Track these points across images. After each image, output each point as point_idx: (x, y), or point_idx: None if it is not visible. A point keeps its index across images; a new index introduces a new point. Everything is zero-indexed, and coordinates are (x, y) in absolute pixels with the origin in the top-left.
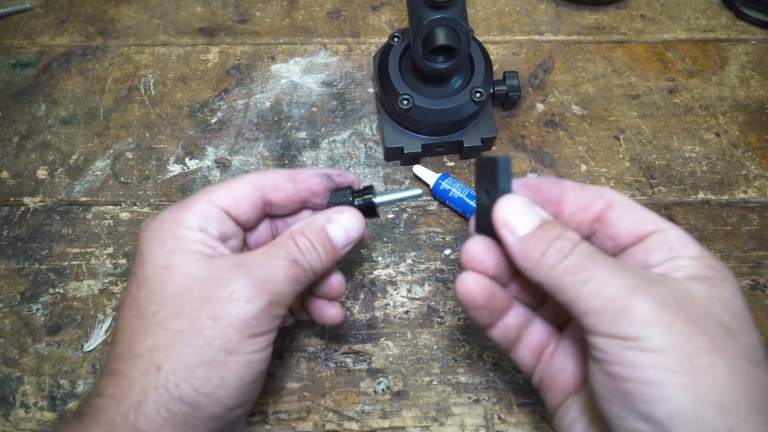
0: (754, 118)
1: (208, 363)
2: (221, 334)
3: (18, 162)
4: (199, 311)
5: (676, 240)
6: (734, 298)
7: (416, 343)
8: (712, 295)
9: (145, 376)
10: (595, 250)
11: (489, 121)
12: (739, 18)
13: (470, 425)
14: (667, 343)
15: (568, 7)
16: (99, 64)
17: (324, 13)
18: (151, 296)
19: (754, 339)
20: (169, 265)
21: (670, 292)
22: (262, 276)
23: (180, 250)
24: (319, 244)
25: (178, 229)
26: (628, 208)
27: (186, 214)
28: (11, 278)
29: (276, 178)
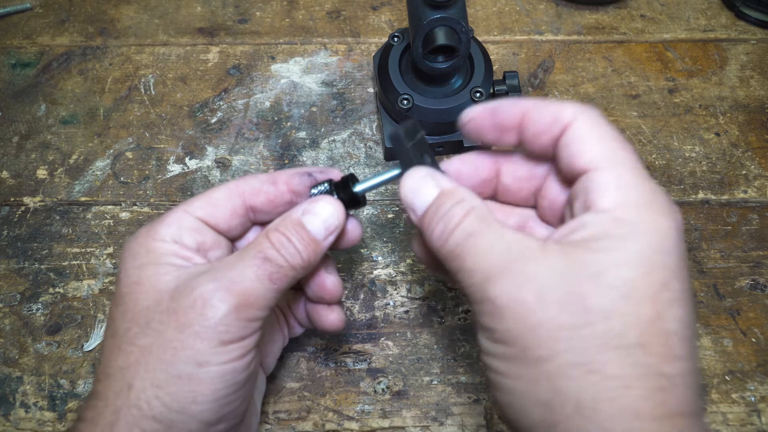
0: (754, 118)
1: (177, 377)
2: (188, 345)
3: (18, 162)
4: (165, 323)
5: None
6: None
7: (416, 342)
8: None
9: (118, 395)
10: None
11: None
12: (739, 18)
13: (470, 425)
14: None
15: (568, 7)
16: (99, 64)
17: (324, 13)
18: (124, 313)
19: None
20: (139, 280)
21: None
22: (230, 277)
23: (151, 264)
24: (296, 237)
25: (151, 243)
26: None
27: (160, 226)
28: (11, 278)
29: (255, 182)
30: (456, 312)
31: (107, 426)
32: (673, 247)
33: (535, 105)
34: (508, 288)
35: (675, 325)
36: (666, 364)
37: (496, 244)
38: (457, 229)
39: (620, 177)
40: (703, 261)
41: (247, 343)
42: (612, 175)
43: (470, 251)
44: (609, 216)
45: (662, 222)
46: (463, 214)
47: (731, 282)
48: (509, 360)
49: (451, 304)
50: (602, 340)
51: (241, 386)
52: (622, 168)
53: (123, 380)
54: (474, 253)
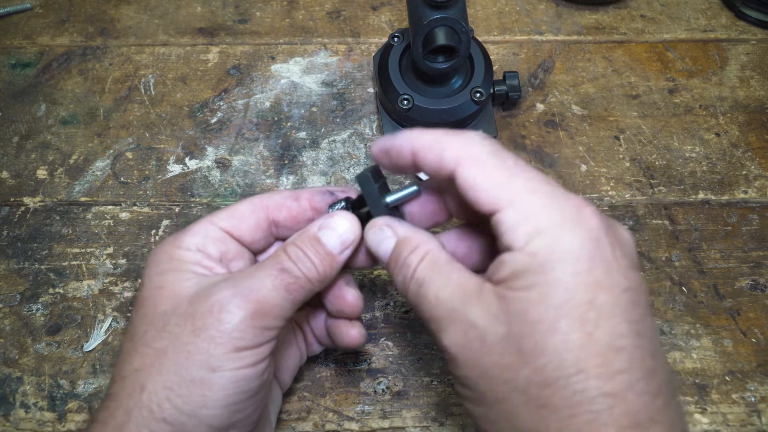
0: (754, 118)
1: (190, 381)
2: (203, 349)
3: (18, 162)
4: (181, 327)
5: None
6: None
7: (416, 343)
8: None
9: (130, 396)
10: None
11: (489, 121)
12: (739, 18)
13: (470, 425)
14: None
15: (568, 7)
16: (99, 64)
17: (324, 13)
18: (143, 317)
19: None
20: (161, 285)
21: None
22: (247, 285)
23: (174, 270)
24: (311, 251)
25: (175, 251)
26: (467, 185)
27: (185, 235)
28: (11, 278)
29: (278, 197)
30: None
31: (117, 427)
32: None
33: (420, 145)
34: (455, 337)
35: (607, 340)
36: (607, 383)
37: (442, 291)
38: (413, 279)
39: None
40: (703, 261)
41: (261, 351)
42: (513, 211)
43: (423, 301)
44: (522, 253)
45: (572, 241)
46: (416, 262)
47: (731, 282)
48: (476, 403)
49: None
50: (542, 376)
51: (253, 394)
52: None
53: (136, 382)
54: (426, 302)
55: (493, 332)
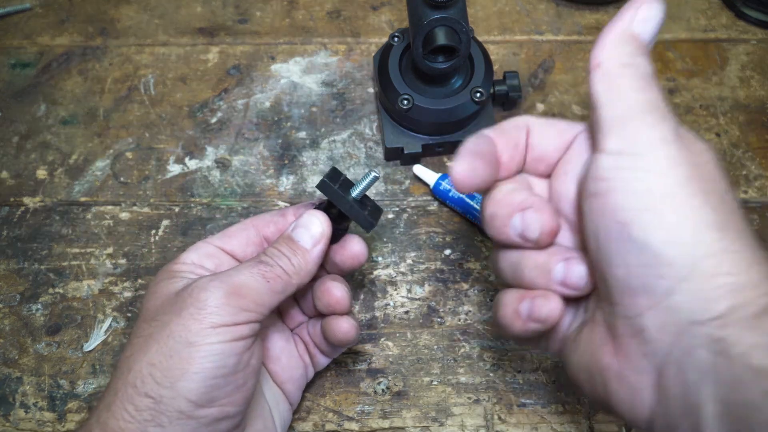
0: (755, 118)
1: (169, 356)
2: (183, 326)
3: (18, 162)
4: (167, 314)
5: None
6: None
7: (416, 343)
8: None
9: (119, 379)
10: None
11: (489, 121)
12: (740, 18)
13: (470, 425)
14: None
15: (568, 7)
16: (99, 64)
17: (324, 13)
18: (139, 318)
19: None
20: (155, 291)
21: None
22: (227, 273)
23: (168, 278)
24: (285, 248)
25: (173, 266)
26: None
27: (182, 254)
28: (11, 278)
29: (267, 216)
30: (456, 312)
31: (106, 406)
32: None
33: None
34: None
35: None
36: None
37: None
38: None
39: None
40: None
41: (239, 330)
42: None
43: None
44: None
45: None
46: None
47: None
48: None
49: (452, 305)
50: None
51: (231, 371)
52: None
53: (125, 366)
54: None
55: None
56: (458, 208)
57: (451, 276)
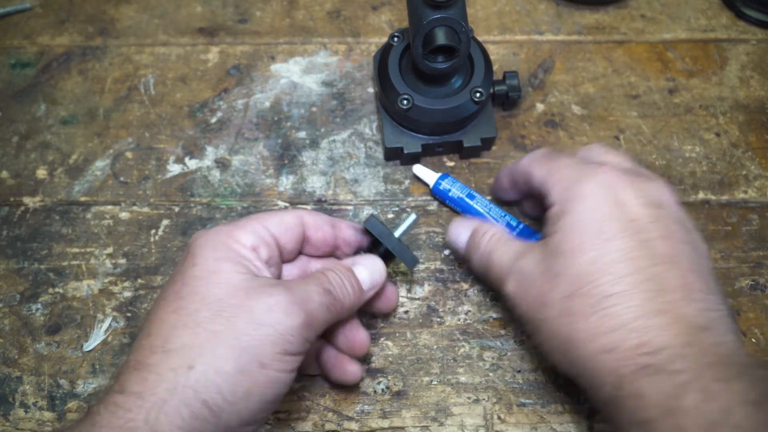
0: (754, 118)
1: (239, 371)
2: (258, 343)
3: (18, 162)
4: (238, 317)
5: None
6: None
7: (416, 343)
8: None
9: (176, 372)
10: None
11: (489, 121)
12: (739, 18)
13: (470, 425)
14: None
15: (568, 7)
16: (99, 64)
17: (324, 13)
18: (194, 294)
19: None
20: (217, 270)
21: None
22: (300, 295)
23: (230, 260)
24: (347, 281)
25: (232, 243)
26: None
27: (240, 231)
28: (11, 278)
29: (319, 219)
30: (456, 312)
31: (158, 402)
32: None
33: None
34: (512, 283)
35: (615, 255)
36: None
37: (505, 255)
38: (483, 252)
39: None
40: None
41: (299, 360)
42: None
43: (492, 264)
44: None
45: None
46: (487, 240)
47: (731, 282)
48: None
49: (451, 305)
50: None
51: (280, 398)
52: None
53: (184, 358)
54: (493, 265)
55: (537, 270)
56: (458, 208)
57: (450, 276)
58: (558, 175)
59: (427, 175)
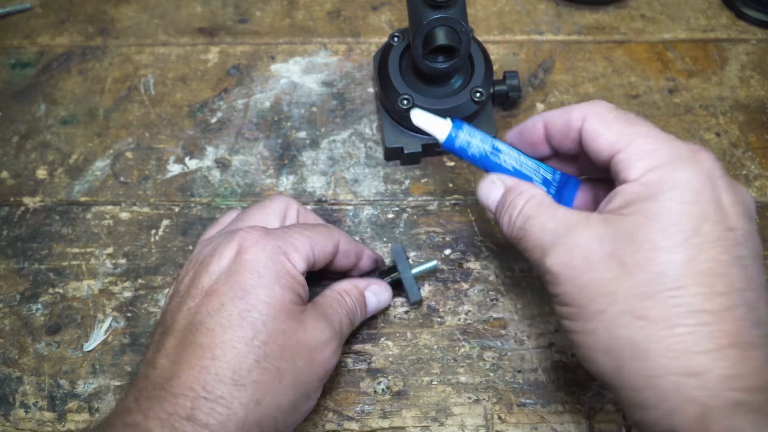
0: (755, 118)
1: (294, 406)
2: (310, 379)
3: (18, 162)
4: (299, 355)
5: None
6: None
7: (416, 343)
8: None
9: (245, 408)
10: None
11: (489, 121)
12: (740, 18)
13: (470, 425)
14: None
15: (568, 6)
16: (99, 64)
17: (324, 13)
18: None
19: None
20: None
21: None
22: (339, 331)
23: (291, 289)
24: (359, 306)
25: (289, 266)
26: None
27: (297, 255)
28: (11, 278)
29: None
30: (456, 312)
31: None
32: (699, 193)
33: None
34: (559, 257)
35: (709, 265)
36: (706, 301)
37: (549, 222)
38: (519, 215)
39: (639, 148)
40: None
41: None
42: (631, 150)
43: (529, 231)
44: (636, 183)
45: (685, 174)
46: (523, 203)
47: None
48: (573, 318)
49: (452, 305)
50: (642, 289)
51: None
52: (637, 141)
53: (254, 394)
54: (532, 233)
55: (598, 251)
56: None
57: (451, 276)
58: (642, 147)
59: (433, 124)
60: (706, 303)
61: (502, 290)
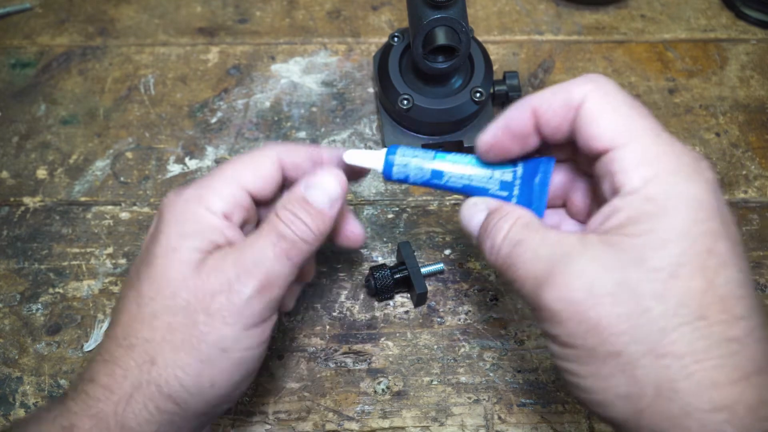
0: (754, 118)
1: (200, 361)
2: (215, 329)
3: (18, 162)
4: (192, 304)
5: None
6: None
7: (416, 343)
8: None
9: (140, 368)
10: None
11: (489, 121)
12: (739, 18)
13: (470, 425)
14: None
15: (568, 7)
16: (99, 64)
17: (324, 13)
18: (152, 280)
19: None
20: (176, 248)
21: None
22: (252, 259)
23: (195, 235)
24: (302, 212)
25: (202, 212)
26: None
27: (212, 196)
28: (11, 278)
29: (298, 158)
30: (456, 312)
31: (125, 396)
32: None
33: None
34: (558, 291)
35: (728, 288)
36: (730, 329)
37: (541, 248)
38: (505, 240)
39: (641, 151)
40: None
41: (266, 328)
42: (632, 150)
43: (518, 260)
44: (639, 196)
45: (692, 189)
46: (509, 226)
47: None
48: (581, 362)
49: (452, 305)
50: (662, 323)
51: (253, 372)
52: (641, 139)
53: (146, 353)
54: (522, 261)
55: (604, 281)
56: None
57: (451, 276)
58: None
59: (368, 158)
60: (730, 330)
61: (502, 290)
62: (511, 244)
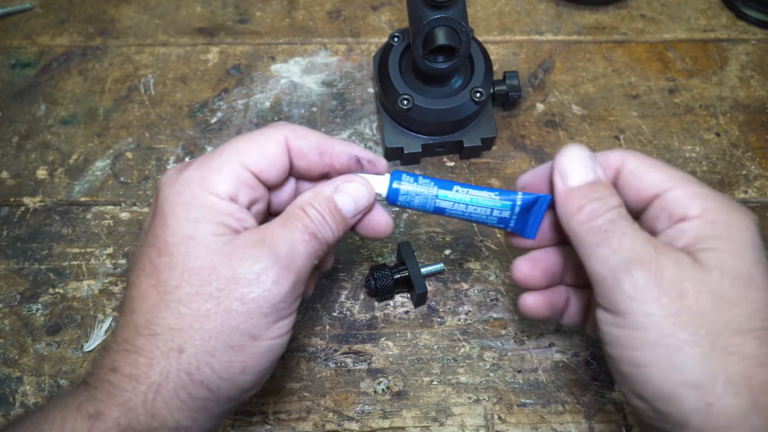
0: (754, 118)
1: (231, 348)
2: (247, 317)
3: (18, 162)
4: (224, 291)
5: (675, 202)
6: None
7: (416, 343)
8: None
9: (167, 357)
10: (625, 218)
11: (489, 121)
12: (739, 18)
13: (470, 425)
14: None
15: (568, 7)
16: (99, 64)
17: (324, 13)
18: (173, 267)
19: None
20: (193, 236)
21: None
22: (287, 254)
23: (206, 221)
24: (329, 215)
25: (206, 195)
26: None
27: (216, 178)
28: (11, 278)
29: (305, 145)
30: (456, 312)
31: (152, 386)
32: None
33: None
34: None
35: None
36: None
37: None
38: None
39: (692, 190)
40: None
41: (292, 319)
42: (683, 189)
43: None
44: (702, 220)
45: (745, 219)
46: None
47: None
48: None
49: (452, 305)
50: (734, 325)
51: (277, 361)
52: (687, 183)
53: (173, 341)
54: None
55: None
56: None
57: (451, 276)
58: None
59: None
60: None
61: (502, 290)
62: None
